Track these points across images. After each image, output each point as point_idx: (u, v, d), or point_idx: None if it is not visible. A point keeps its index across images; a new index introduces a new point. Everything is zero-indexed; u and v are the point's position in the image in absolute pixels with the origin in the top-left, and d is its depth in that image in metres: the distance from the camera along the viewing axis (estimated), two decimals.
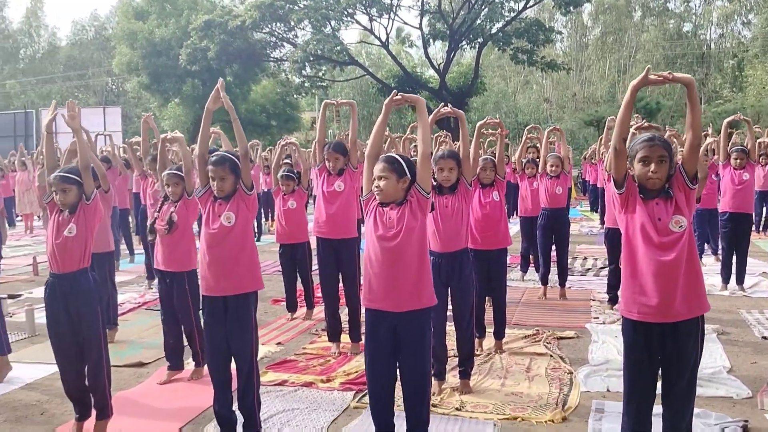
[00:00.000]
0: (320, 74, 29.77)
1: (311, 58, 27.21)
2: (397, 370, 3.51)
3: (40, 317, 6.88)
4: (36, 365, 5.51)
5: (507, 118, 45.21)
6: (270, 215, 15.74)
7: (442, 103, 4.80)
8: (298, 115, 35.68)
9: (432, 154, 3.54)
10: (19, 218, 17.08)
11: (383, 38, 28.98)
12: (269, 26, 28.15)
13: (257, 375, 3.88)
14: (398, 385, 3.53)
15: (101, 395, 4.11)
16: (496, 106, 43.75)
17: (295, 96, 32.48)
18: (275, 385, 4.91)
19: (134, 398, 4.76)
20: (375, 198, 3.47)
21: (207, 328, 3.83)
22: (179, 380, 5.13)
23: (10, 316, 7.45)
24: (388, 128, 4.70)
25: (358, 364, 5.37)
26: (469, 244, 4.90)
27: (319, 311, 7.12)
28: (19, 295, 8.41)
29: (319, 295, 7.54)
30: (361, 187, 3.64)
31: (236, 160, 3.79)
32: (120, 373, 5.08)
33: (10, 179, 15.59)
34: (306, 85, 30.30)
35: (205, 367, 5.01)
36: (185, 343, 5.26)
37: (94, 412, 4.15)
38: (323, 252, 5.67)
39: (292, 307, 7.00)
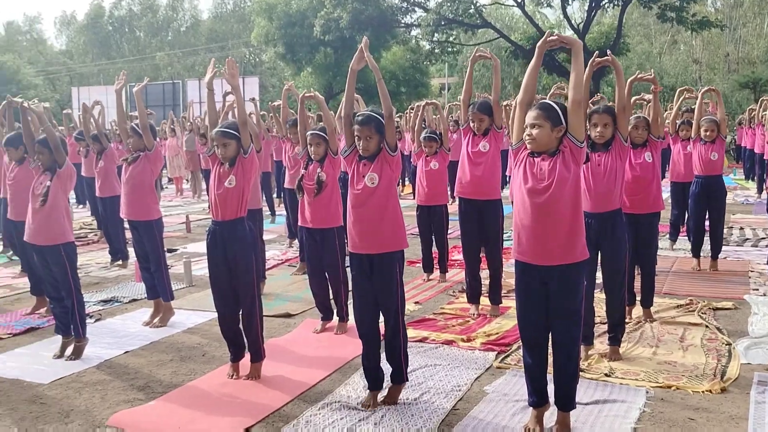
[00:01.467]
0: (450, 39, 29.35)
1: (443, 22, 26.85)
2: None
3: (196, 269, 7.41)
4: (195, 312, 5.93)
5: None
6: (402, 180, 15.90)
7: (596, 52, 4.56)
8: (428, 81, 35.54)
9: (579, 103, 3.34)
10: (170, 181, 18.37)
11: None
12: None
13: (404, 329, 3.93)
14: None
15: (254, 338, 4.35)
16: (639, 68, 41.32)
17: (424, 62, 32.28)
18: (416, 341, 4.96)
19: (284, 345, 5.00)
20: (525, 148, 3.37)
21: (354, 284, 3.91)
22: (329, 330, 5.33)
23: (170, 268, 8.05)
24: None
25: (498, 325, 5.33)
26: None
27: (453, 274, 7.13)
28: (175, 250, 9.07)
29: (454, 258, 7.60)
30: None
31: (381, 120, 3.81)
32: (270, 322, 5.34)
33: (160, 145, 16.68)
34: (436, 51, 30.01)
35: (350, 321, 5.20)
36: (331, 297, 5.42)
37: (248, 355, 4.41)
38: (466, 213, 5.63)
39: (428, 268, 7.03)
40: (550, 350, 3.46)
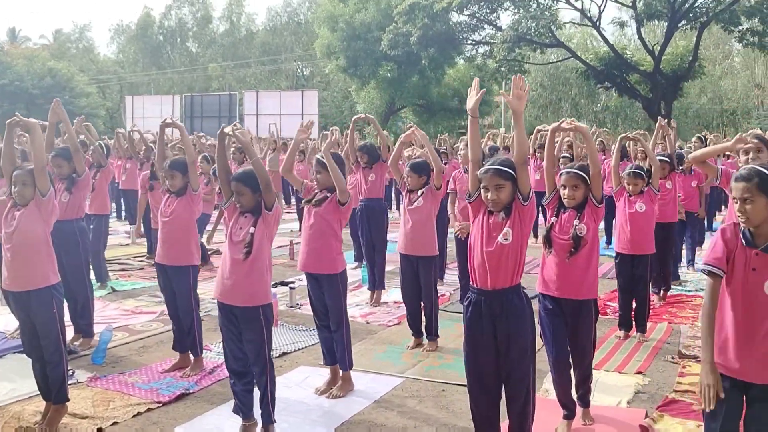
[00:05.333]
0: (519, 58, 28.26)
1: (517, 40, 25.88)
2: None
3: None
4: (373, 376, 4.88)
5: (712, 104, 41.11)
6: None
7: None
8: (491, 99, 34.41)
9: None
10: None
11: (593, 18, 26.97)
12: (471, 8, 27.13)
13: None
14: None
15: None
16: (701, 91, 39.91)
17: (489, 81, 31.14)
18: None
19: None
20: None
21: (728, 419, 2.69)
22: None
23: (299, 308, 7.04)
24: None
25: None
26: None
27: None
28: (291, 283, 8.04)
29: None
30: None
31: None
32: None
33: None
34: (502, 69, 28.94)
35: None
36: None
37: None
38: None
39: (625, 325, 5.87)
40: None
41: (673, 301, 6.96)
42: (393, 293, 7.27)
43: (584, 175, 3.84)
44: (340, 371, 4.61)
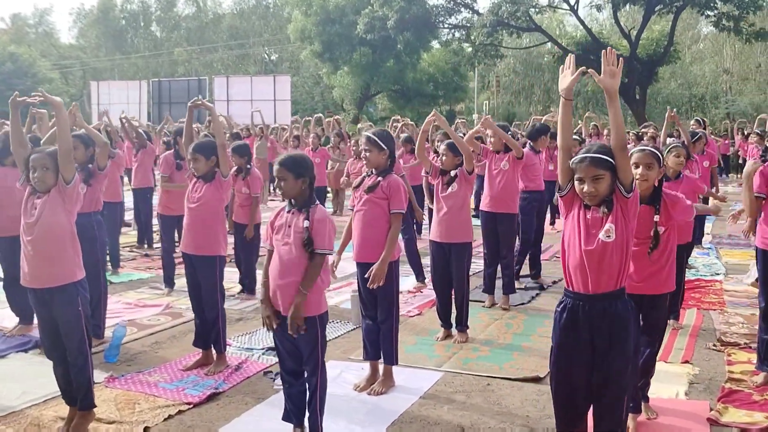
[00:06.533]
0: (496, 42, 27.99)
1: (495, 24, 25.59)
2: None
3: None
4: (412, 371, 4.59)
5: (682, 89, 41.56)
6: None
7: None
8: (466, 85, 34.26)
9: None
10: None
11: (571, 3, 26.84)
12: None
13: None
14: None
15: None
16: (672, 76, 40.31)
17: (465, 66, 30.86)
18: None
19: None
20: None
21: None
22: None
23: None
24: None
25: None
26: None
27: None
28: None
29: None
30: None
31: None
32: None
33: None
34: (479, 54, 28.67)
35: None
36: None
37: None
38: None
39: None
40: None
41: (693, 287, 6.83)
42: (405, 282, 7.00)
43: (659, 155, 3.57)
44: (381, 366, 4.33)
